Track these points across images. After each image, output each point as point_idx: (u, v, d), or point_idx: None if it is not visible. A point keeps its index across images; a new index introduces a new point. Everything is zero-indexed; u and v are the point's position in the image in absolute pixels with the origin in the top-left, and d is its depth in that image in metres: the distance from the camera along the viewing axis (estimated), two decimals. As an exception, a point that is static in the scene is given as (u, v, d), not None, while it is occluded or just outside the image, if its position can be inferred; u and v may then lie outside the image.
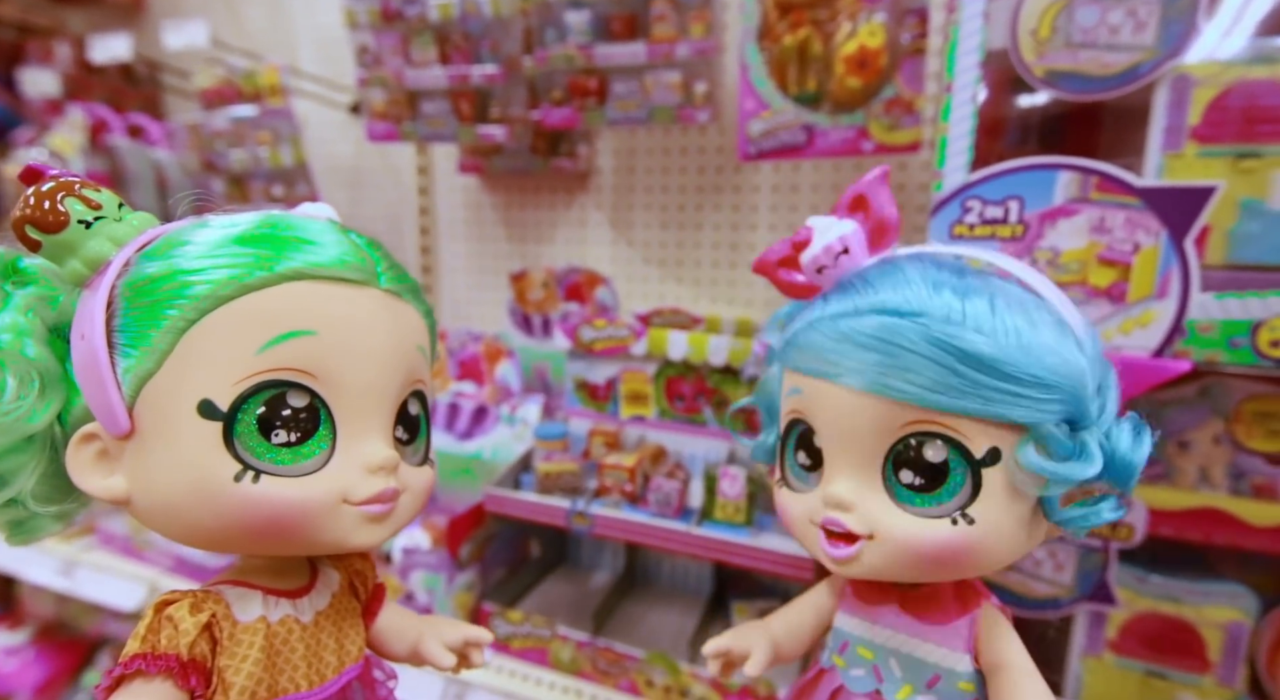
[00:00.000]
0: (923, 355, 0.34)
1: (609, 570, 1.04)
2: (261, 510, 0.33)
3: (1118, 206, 0.55)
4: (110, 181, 1.31)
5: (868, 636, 0.43)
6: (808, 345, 0.38)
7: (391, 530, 0.37)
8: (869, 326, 0.35)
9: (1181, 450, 0.62)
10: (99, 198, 0.33)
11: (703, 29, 0.95)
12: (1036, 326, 0.34)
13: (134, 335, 0.32)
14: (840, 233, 0.39)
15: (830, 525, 0.38)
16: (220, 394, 0.32)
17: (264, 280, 0.32)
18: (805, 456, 0.40)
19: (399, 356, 0.37)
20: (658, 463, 0.87)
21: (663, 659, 0.78)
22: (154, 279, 0.32)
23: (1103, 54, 0.57)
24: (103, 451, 0.34)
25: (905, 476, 0.36)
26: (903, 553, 0.36)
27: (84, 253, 0.33)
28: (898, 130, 0.88)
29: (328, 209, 0.42)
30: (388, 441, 0.36)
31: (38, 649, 1.30)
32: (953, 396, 0.34)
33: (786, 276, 0.42)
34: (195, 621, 0.34)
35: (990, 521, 0.35)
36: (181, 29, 1.16)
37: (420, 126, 1.14)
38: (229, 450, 0.32)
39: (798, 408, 0.40)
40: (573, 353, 0.98)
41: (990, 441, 0.35)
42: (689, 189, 1.25)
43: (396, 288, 0.37)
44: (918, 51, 0.85)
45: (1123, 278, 0.56)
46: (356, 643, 0.40)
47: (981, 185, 0.59)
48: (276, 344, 0.32)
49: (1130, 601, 0.63)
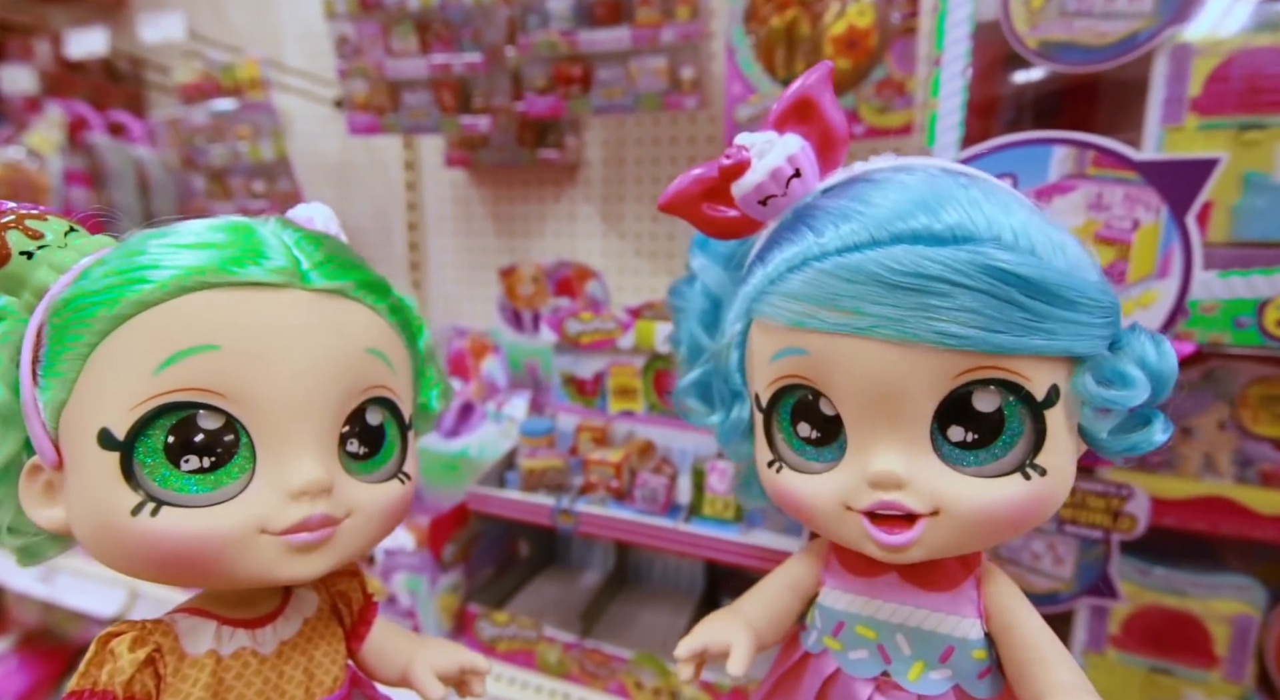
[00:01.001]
0: (979, 289, 0.28)
1: (599, 569, 1.01)
2: (163, 545, 0.30)
3: (1116, 182, 0.53)
4: (90, 180, 1.29)
5: (868, 613, 0.37)
6: (809, 292, 0.30)
7: (332, 560, 0.34)
8: (903, 259, 0.28)
9: (1185, 437, 0.60)
10: (43, 227, 0.33)
11: (688, 12, 0.93)
12: (1068, 239, 0.30)
13: (49, 364, 0.31)
14: (787, 151, 0.31)
15: (885, 509, 0.32)
16: (117, 421, 0.30)
17: (165, 294, 0.30)
18: (811, 428, 0.33)
19: (334, 364, 0.33)
20: (645, 458, 0.85)
21: (651, 660, 0.76)
22: (66, 303, 0.31)
23: (1099, 23, 0.54)
24: (48, 483, 0.33)
25: (955, 434, 0.31)
26: (975, 523, 0.31)
27: (30, 283, 0.32)
28: (889, 112, 0.85)
29: (323, 209, 0.40)
30: (320, 460, 0.33)
31: (20, 657, 1.28)
32: (1018, 335, 0.28)
33: (713, 212, 0.34)
34: (133, 658, 0.32)
35: (1059, 467, 0.31)
36: (158, 22, 1.14)
37: (402, 118, 1.12)
38: (127, 481, 0.30)
39: (797, 371, 0.32)
40: (559, 347, 0.95)
41: (1050, 379, 0.30)
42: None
43: (335, 286, 0.33)
44: (908, 31, 0.83)
45: (1122, 257, 0.54)
46: (331, 672, 0.37)
47: (973, 163, 0.56)
48: (174, 362, 0.30)
49: (1133, 595, 0.61)
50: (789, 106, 0.32)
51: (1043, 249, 0.29)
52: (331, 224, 0.40)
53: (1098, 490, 0.58)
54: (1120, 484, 0.58)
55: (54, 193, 1.23)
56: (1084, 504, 0.59)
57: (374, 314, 0.35)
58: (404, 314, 0.38)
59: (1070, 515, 0.60)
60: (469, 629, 0.85)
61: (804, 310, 0.31)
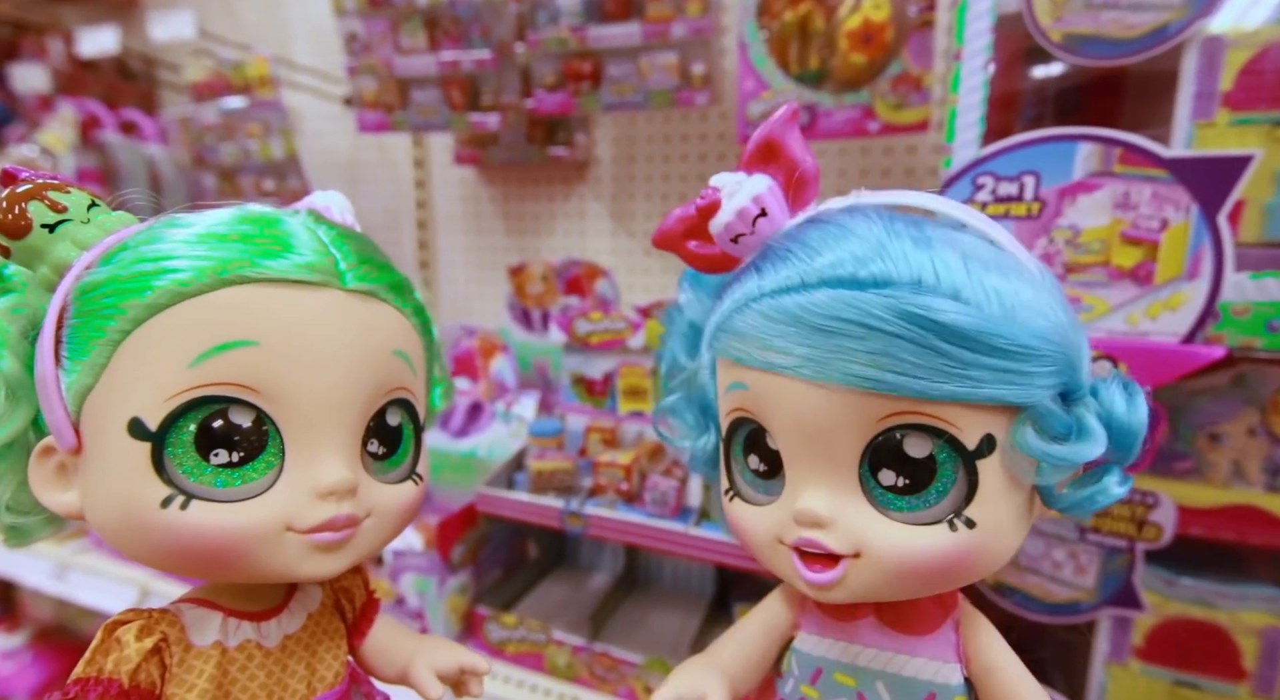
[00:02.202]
0: (895, 334, 0.28)
1: (608, 571, 1.01)
2: (191, 539, 0.30)
3: (1144, 180, 0.51)
4: (101, 178, 1.30)
5: (845, 659, 0.37)
6: (747, 331, 0.31)
7: (350, 559, 0.34)
8: (823, 303, 0.29)
9: (1213, 443, 0.58)
10: (65, 200, 0.32)
11: (699, 7, 0.92)
12: (1014, 284, 0.29)
13: (75, 347, 0.30)
14: (753, 192, 0.32)
15: (806, 546, 0.32)
16: (150, 412, 0.29)
17: (203, 286, 0.30)
18: (758, 461, 0.34)
19: (365, 364, 0.33)
20: (655, 460, 0.84)
21: (662, 665, 0.75)
22: (97, 286, 0.30)
23: (1126, 14, 0.52)
24: (61, 465, 0.32)
25: (886, 478, 0.31)
26: (896, 570, 0.31)
27: (50, 258, 0.32)
28: (905, 108, 0.83)
29: (339, 198, 0.39)
30: (347, 461, 0.33)
31: (35, 652, 1.29)
32: (937, 380, 0.28)
33: (698, 249, 0.35)
34: (140, 647, 0.31)
35: (992, 521, 0.31)
36: (168, 21, 1.14)
37: (412, 116, 1.11)
38: (158, 473, 0.30)
39: (743, 405, 0.33)
40: (568, 346, 0.94)
41: (983, 428, 0.30)
42: (690, 177, 1.21)
43: (368, 287, 0.33)
44: (925, 24, 0.81)
45: (1149, 257, 0.52)
46: (333, 667, 0.37)
47: (994, 160, 0.55)
48: (211, 356, 0.29)
49: (1158, 606, 0.59)
50: (756, 149, 0.34)
51: (970, 294, 0.28)
52: (348, 214, 0.40)
53: (1123, 498, 0.57)
54: (1146, 491, 0.57)
55: (67, 191, 1.23)
56: (1108, 512, 0.57)
57: (400, 315, 0.35)
58: (423, 315, 0.38)
59: (1094, 523, 0.58)
60: (477, 631, 0.84)
61: (743, 348, 0.32)
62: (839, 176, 1.11)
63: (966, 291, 0.28)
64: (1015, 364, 0.28)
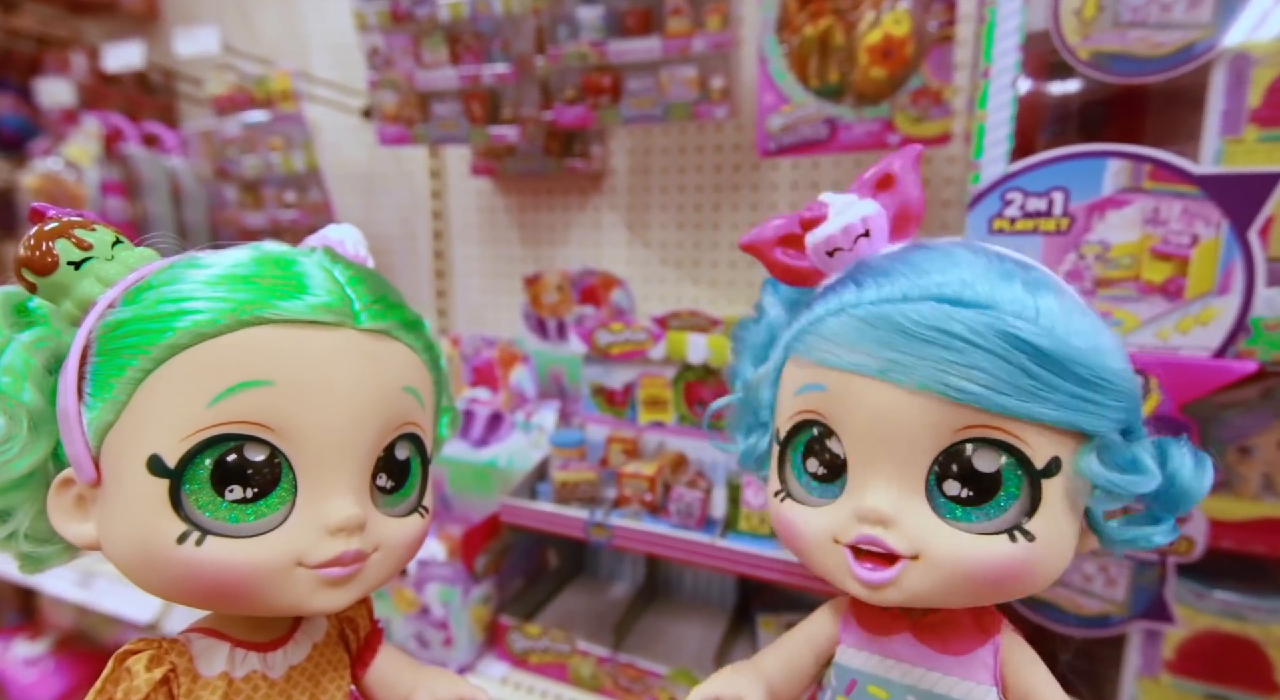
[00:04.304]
0: (992, 351, 0.30)
1: (629, 581, 1.01)
2: (205, 575, 0.31)
3: (1174, 196, 0.52)
4: (125, 190, 1.31)
5: (879, 672, 0.38)
6: (837, 334, 0.33)
7: (358, 593, 0.35)
8: (926, 313, 0.30)
9: (1243, 457, 0.58)
10: (91, 237, 0.33)
11: (719, 22, 0.93)
12: (1097, 326, 0.32)
13: (98, 384, 0.31)
14: (863, 213, 0.34)
15: (866, 543, 0.33)
16: (169, 449, 0.30)
17: (222, 327, 0.30)
18: (819, 465, 0.35)
19: (377, 402, 0.34)
20: (678, 471, 0.84)
21: (687, 676, 0.75)
22: (120, 325, 0.31)
23: (1154, 33, 0.53)
24: (80, 496, 0.33)
25: (951, 488, 0.32)
26: (952, 575, 0.32)
27: (75, 294, 0.33)
28: (925, 122, 0.84)
29: (353, 232, 0.40)
30: (357, 496, 0.33)
31: (57, 660, 1.30)
32: (1022, 399, 0.30)
33: (784, 258, 0.37)
34: (149, 677, 0.32)
35: (1050, 537, 0.32)
36: (193, 36, 1.15)
37: (432, 129, 1.12)
38: (175, 510, 0.30)
39: (815, 407, 0.35)
40: (589, 357, 0.95)
41: (1053, 450, 0.31)
42: (706, 188, 1.22)
43: (381, 326, 0.34)
44: (946, 39, 0.82)
45: (1180, 272, 0.52)
46: (336, 698, 0.38)
47: (1023, 176, 0.56)
48: (228, 395, 0.30)
49: (1189, 619, 0.59)
50: (874, 178, 0.36)
51: (1063, 328, 0.30)
52: (361, 247, 0.40)
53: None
54: (1176, 505, 0.57)
55: (91, 203, 1.25)
56: (1138, 525, 0.57)
57: (411, 352, 0.36)
58: (433, 350, 0.39)
59: (1123, 536, 0.58)
60: (500, 640, 0.85)
61: (829, 349, 0.33)
62: (855, 187, 1.12)
63: (1060, 325, 0.30)
64: (1092, 393, 0.31)
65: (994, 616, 0.38)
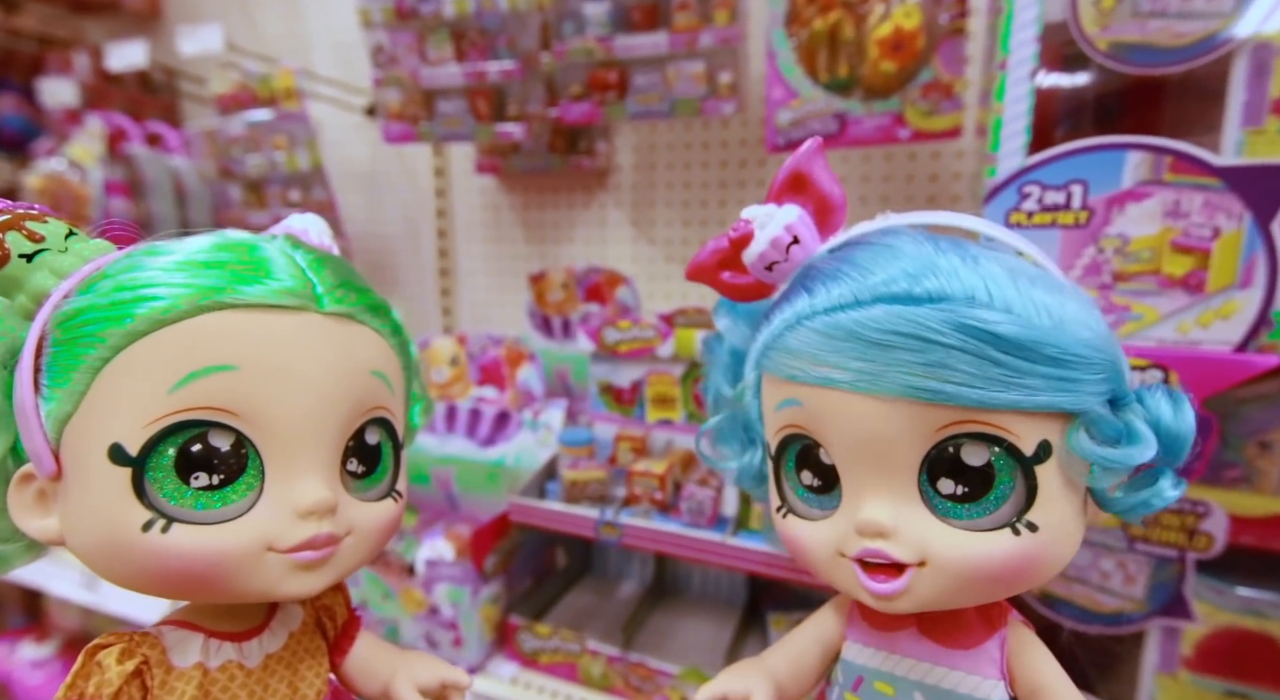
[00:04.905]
0: (953, 346, 0.29)
1: (637, 580, 1.00)
2: (172, 561, 0.30)
3: (1195, 188, 0.51)
4: (129, 190, 1.31)
5: (885, 668, 0.37)
6: (799, 348, 0.32)
7: (331, 577, 0.34)
8: (879, 317, 0.30)
9: (1263, 451, 0.58)
10: (43, 229, 0.32)
11: (727, 16, 0.92)
12: (1059, 298, 0.31)
13: (54, 375, 0.31)
14: (784, 221, 0.34)
15: (870, 557, 0.32)
16: (130, 437, 0.30)
17: (181, 313, 0.30)
18: (813, 476, 0.35)
19: (343, 385, 0.33)
20: (689, 469, 0.84)
21: (697, 675, 0.75)
22: (75, 314, 0.30)
23: (1175, 23, 0.52)
24: (41, 491, 0.32)
25: (945, 487, 0.32)
26: (962, 576, 0.32)
27: (28, 287, 0.32)
28: (936, 115, 0.83)
29: (317, 221, 0.40)
30: (326, 480, 0.33)
31: (64, 662, 1.30)
32: (994, 390, 0.29)
33: (730, 279, 0.37)
34: (121, 670, 0.32)
35: (1053, 524, 0.31)
36: (196, 34, 1.15)
37: (437, 126, 1.12)
38: (139, 498, 0.30)
39: (795, 422, 0.34)
40: (596, 355, 0.95)
41: (1039, 434, 0.31)
42: (711, 184, 1.22)
43: (345, 310, 0.34)
44: (957, 32, 0.81)
45: (1201, 266, 0.52)
46: (315, 686, 0.37)
47: (1040, 169, 0.55)
48: (191, 381, 0.30)
49: (1208, 616, 0.58)
50: (784, 181, 0.35)
51: (1021, 308, 0.30)
52: (325, 237, 0.40)
53: (1173, 507, 0.56)
54: (1197, 500, 0.56)
55: (95, 203, 1.24)
56: (1158, 521, 0.57)
57: (378, 336, 0.36)
58: (400, 334, 0.38)
59: (1142, 533, 0.58)
60: (510, 640, 0.84)
61: (796, 365, 0.33)
62: (861, 182, 1.11)
63: (1017, 305, 0.30)
64: (1067, 372, 0.30)
65: (1000, 608, 0.37)
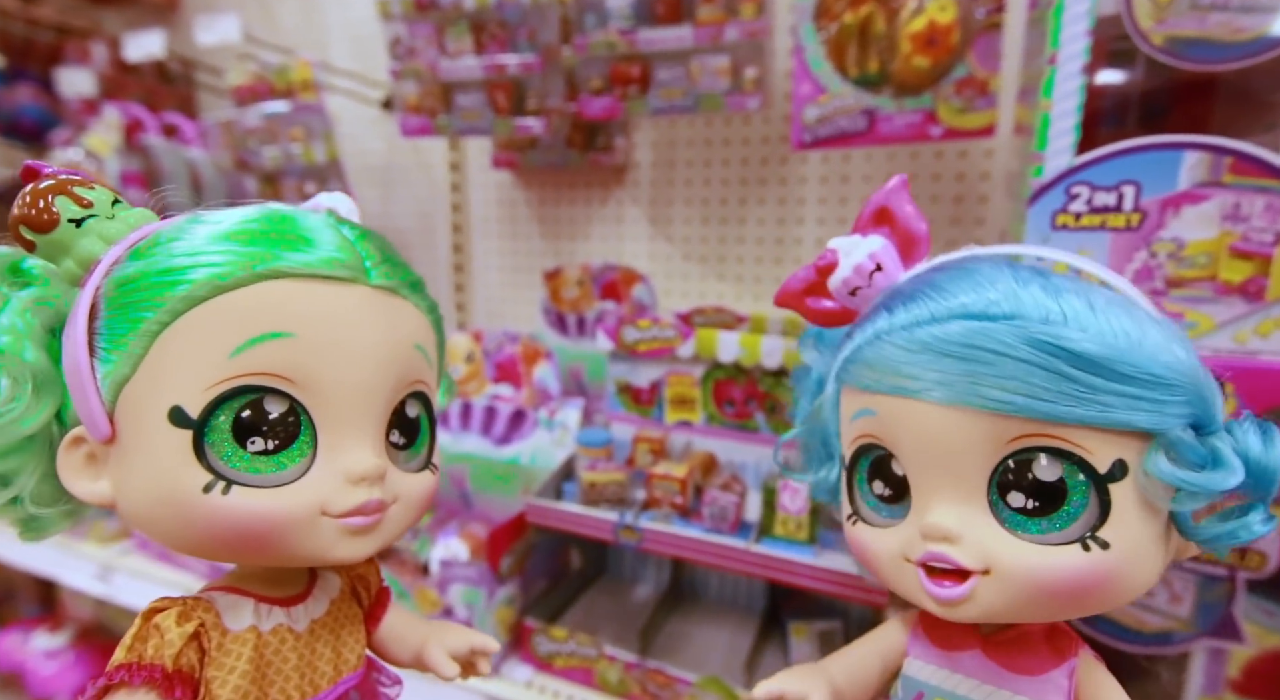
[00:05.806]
0: (1023, 360, 0.30)
1: (653, 584, 0.99)
2: (232, 523, 0.31)
3: (1256, 190, 0.48)
4: (145, 181, 1.30)
5: (947, 687, 0.38)
6: (878, 360, 0.34)
7: (379, 543, 0.35)
8: (955, 332, 0.31)
9: (1319, 467, 0.55)
10: (91, 195, 0.33)
11: (753, 9, 0.90)
12: (1140, 324, 0.31)
13: (111, 339, 0.31)
14: (869, 250, 0.36)
15: (935, 561, 0.33)
16: (191, 400, 0.30)
17: (239, 280, 0.31)
18: (884, 486, 0.36)
19: (391, 357, 0.34)
20: (709, 473, 0.82)
21: (717, 684, 0.73)
22: (131, 280, 0.31)
23: (1236, 17, 0.49)
24: (91, 455, 0.33)
25: (1015, 500, 0.32)
26: (1027, 587, 0.32)
27: (76, 252, 0.33)
28: (970, 113, 0.81)
29: (345, 199, 0.40)
30: (375, 448, 0.34)
31: (77, 652, 1.30)
32: (1065, 404, 0.30)
33: (815, 305, 0.39)
34: (181, 631, 0.32)
35: (1127, 544, 0.31)
36: (214, 25, 1.14)
37: (455, 120, 1.10)
38: (199, 460, 0.31)
39: (870, 431, 0.35)
40: (614, 354, 0.93)
41: (1115, 453, 0.30)
42: (732, 181, 1.19)
43: (390, 284, 0.35)
44: (993, 26, 0.78)
45: (1261, 272, 0.49)
46: (355, 651, 0.39)
47: (1090, 169, 0.53)
48: (250, 347, 0.31)
49: (1258, 637, 0.56)
50: (869, 215, 0.38)
51: (1095, 329, 0.30)
52: (354, 215, 0.40)
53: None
54: (1247, 518, 0.54)
55: (111, 195, 1.24)
56: (1206, 539, 0.55)
57: (418, 311, 0.37)
58: (435, 311, 0.39)
59: (1189, 550, 0.55)
60: (525, 643, 0.83)
61: (872, 375, 0.34)
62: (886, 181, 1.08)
63: (1092, 326, 0.30)
64: (1143, 391, 0.30)
65: (1070, 638, 0.36)
